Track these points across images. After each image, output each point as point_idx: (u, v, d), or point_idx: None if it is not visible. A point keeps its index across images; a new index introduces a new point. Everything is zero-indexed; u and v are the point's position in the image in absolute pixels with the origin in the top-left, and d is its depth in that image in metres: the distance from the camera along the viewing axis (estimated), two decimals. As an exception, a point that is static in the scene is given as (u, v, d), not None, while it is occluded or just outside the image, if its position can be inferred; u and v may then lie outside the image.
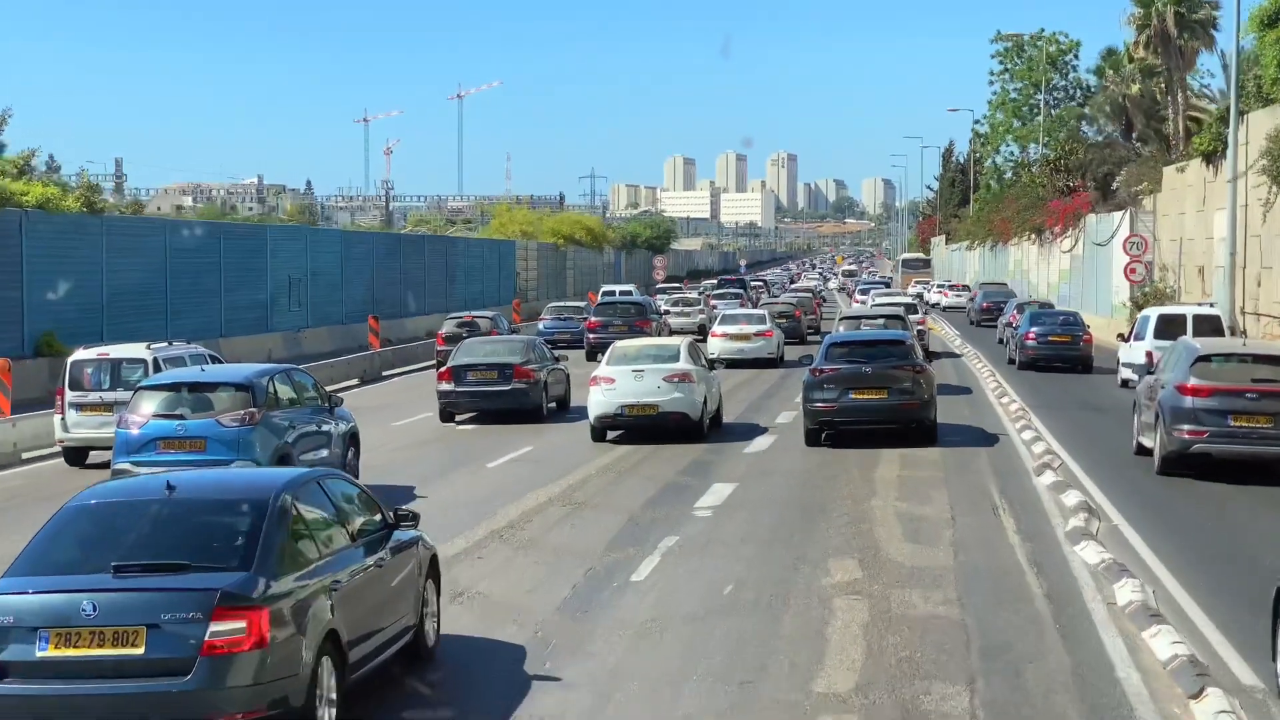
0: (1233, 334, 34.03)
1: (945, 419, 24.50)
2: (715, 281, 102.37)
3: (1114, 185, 53.27)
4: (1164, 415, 19.44)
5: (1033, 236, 71.21)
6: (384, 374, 39.58)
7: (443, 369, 27.52)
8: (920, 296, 74.06)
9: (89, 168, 57.24)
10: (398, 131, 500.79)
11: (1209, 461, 19.25)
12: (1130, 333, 33.29)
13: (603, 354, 28.57)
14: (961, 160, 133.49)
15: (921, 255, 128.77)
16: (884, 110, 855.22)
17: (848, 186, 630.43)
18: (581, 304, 54.90)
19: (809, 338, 49.88)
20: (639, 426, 23.73)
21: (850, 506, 17.53)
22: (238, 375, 18.11)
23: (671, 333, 46.90)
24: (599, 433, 23.80)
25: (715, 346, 38.72)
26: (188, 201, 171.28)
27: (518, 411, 26.88)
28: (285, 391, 18.16)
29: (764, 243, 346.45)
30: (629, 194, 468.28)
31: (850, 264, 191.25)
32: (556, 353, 30.03)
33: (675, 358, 23.93)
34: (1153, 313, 32.74)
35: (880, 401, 22.78)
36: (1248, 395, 18.87)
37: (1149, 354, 28.24)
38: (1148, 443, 20.75)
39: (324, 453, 18.03)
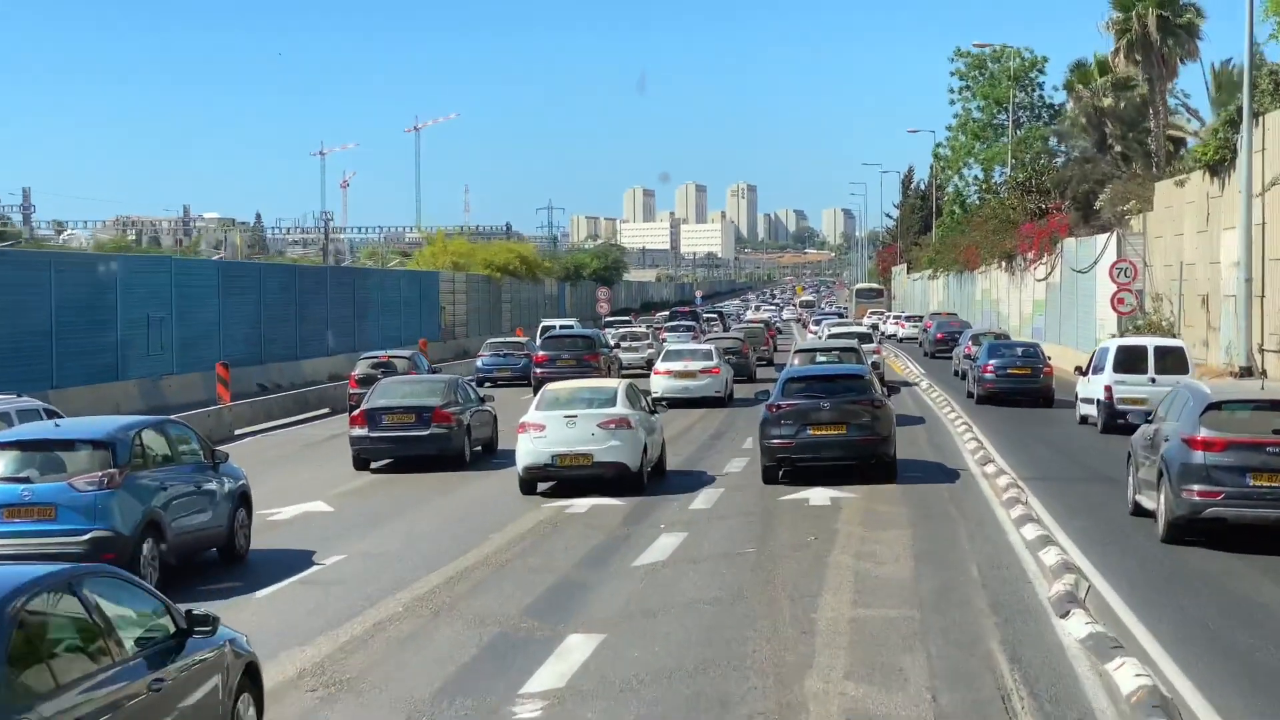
0: (1248, 375, 28.51)
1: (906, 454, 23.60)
2: (667, 314, 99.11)
3: (1096, 205, 47.36)
4: (1169, 473, 16.64)
5: (1002, 264, 65.38)
6: (238, 432, 32.95)
7: (355, 413, 25.87)
8: (875, 327, 74.00)
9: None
10: (355, 164, 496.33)
11: (1223, 528, 16.42)
12: (1088, 366, 30.95)
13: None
14: (922, 186, 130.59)
15: (875, 286, 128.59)
16: (844, 140, 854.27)
17: (808, 217, 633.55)
18: (523, 339, 51.51)
19: (759, 374, 47.31)
20: (572, 479, 21.69)
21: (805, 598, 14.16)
22: (97, 430, 16.04)
23: (622, 368, 45.50)
24: (528, 485, 21.91)
25: (658, 384, 36.45)
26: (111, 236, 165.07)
27: (438, 459, 24.93)
28: (157, 447, 16.28)
29: (723, 273, 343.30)
30: (589, 225, 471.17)
31: (809, 294, 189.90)
32: (490, 392, 28.39)
33: (611, 401, 22.07)
34: (1112, 344, 30.62)
35: (839, 437, 22.27)
36: (1269, 449, 16.06)
37: (1108, 389, 28.17)
38: (1148, 504, 17.82)
39: (204, 516, 16.38)
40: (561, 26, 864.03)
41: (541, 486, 21.95)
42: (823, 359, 33.37)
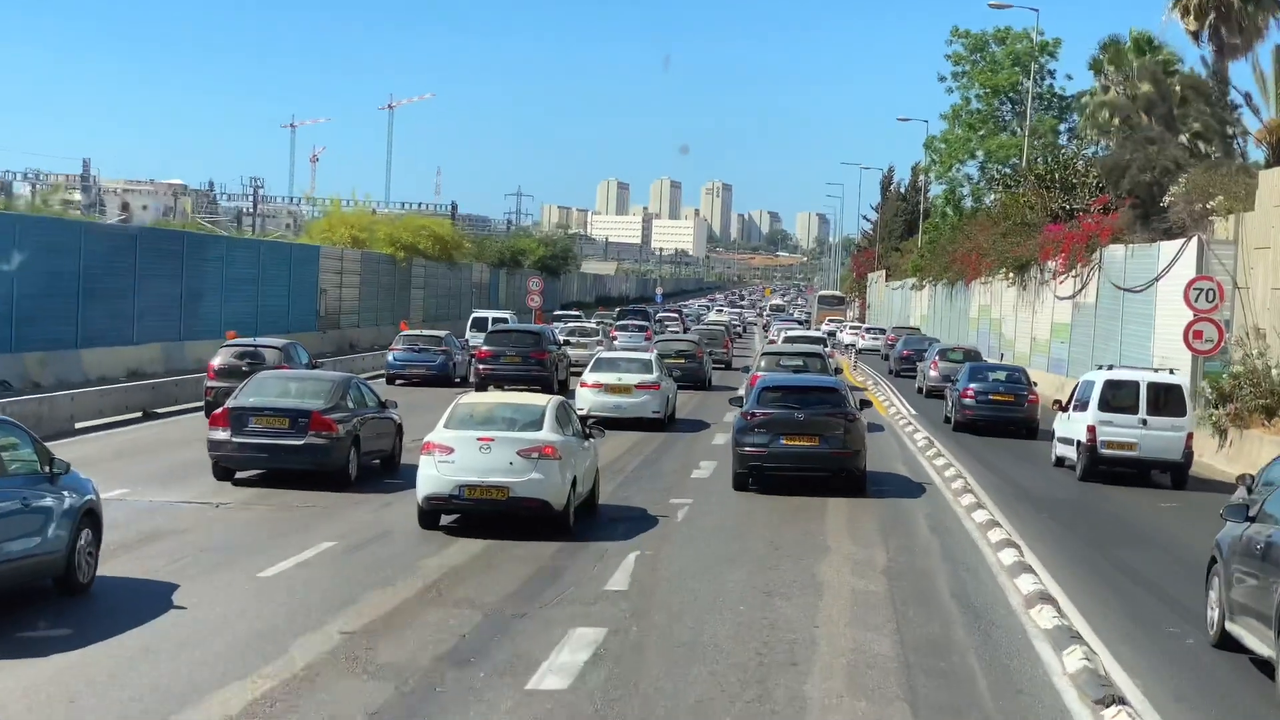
0: None
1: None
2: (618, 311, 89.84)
3: (1164, 201, 34.80)
4: None
5: (1011, 275, 53.02)
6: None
7: (217, 411, 22.18)
8: (832, 334, 75.48)
9: None
10: (326, 139, 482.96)
11: None
12: (1069, 401, 27.68)
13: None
14: (903, 188, 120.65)
15: (838, 294, 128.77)
16: (823, 142, 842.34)
17: (782, 219, 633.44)
18: (442, 333, 45.46)
19: (715, 381, 44.96)
20: (482, 514, 18.12)
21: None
22: None
23: (570, 365, 42.37)
24: (428, 518, 18.26)
25: (585, 399, 31.58)
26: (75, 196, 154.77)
27: (317, 475, 21.15)
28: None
29: (691, 271, 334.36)
30: (560, 215, 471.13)
31: (779, 298, 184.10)
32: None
33: (537, 423, 18.41)
34: (1098, 378, 26.84)
35: (811, 449, 22.41)
36: None
37: (1091, 430, 25.54)
38: (1247, 637, 12.26)
39: (34, 541, 13.24)
40: (540, 16, 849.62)
41: (445, 519, 18.62)
42: (787, 363, 34.29)
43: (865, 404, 26.73)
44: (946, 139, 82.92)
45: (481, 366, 39.03)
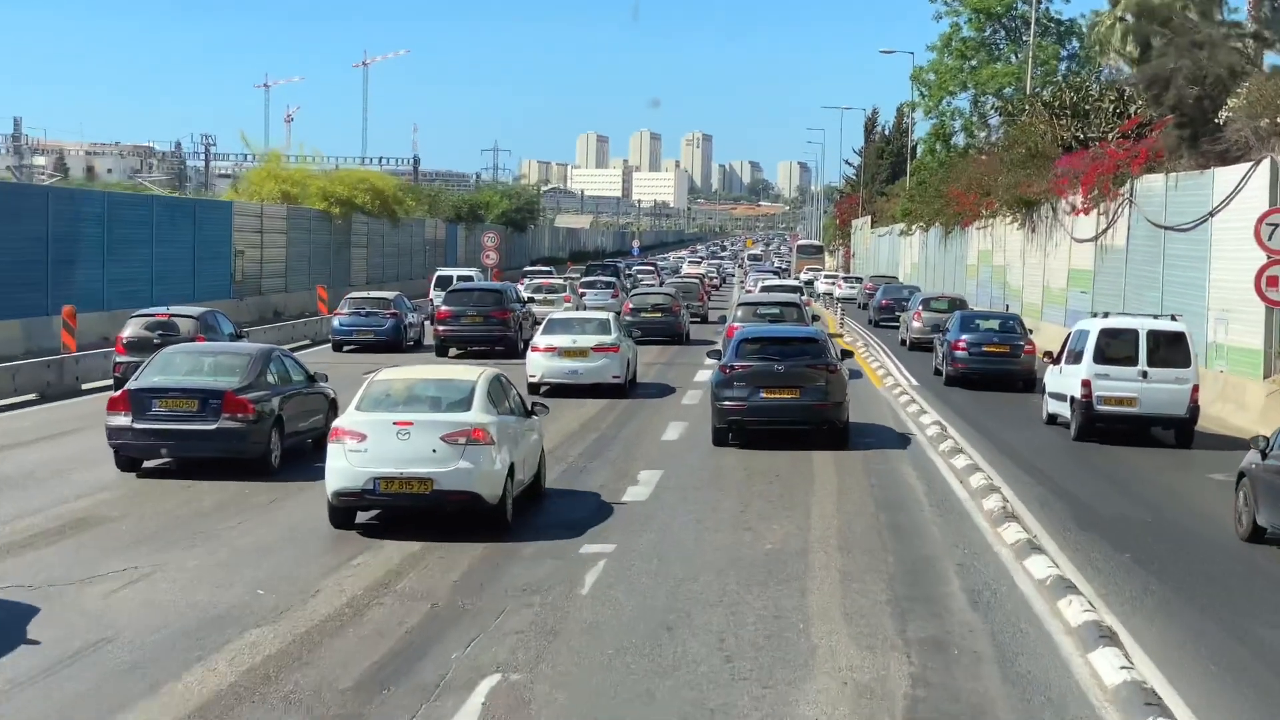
0: None
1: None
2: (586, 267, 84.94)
3: (1219, 117, 28.08)
4: None
5: (1018, 215, 46.49)
6: None
7: (115, 394, 19.99)
8: (810, 283, 76.32)
9: None
10: (300, 99, 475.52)
11: None
12: (1060, 352, 25.20)
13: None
14: (888, 130, 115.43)
15: (816, 243, 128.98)
16: (802, 88, 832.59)
17: (763, 169, 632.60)
18: (391, 294, 41.93)
19: (693, 335, 44.08)
20: (402, 510, 15.70)
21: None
22: None
23: (535, 324, 38.16)
24: (340, 515, 15.82)
25: (536, 365, 29.31)
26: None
27: (234, 463, 18.90)
28: None
29: (672, 223, 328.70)
30: (540, 170, 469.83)
31: (760, 248, 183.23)
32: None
33: (464, 403, 15.95)
34: (1092, 326, 24.25)
35: (792, 401, 22.01)
36: None
37: (1086, 384, 23.37)
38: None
39: None
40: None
41: (362, 516, 15.81)
42: (764, 312, 34.75)
43: (846, 354, 25.69)
44: (935, 69, 76.24)
45: (440, 328, 37.44)
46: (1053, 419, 25.38)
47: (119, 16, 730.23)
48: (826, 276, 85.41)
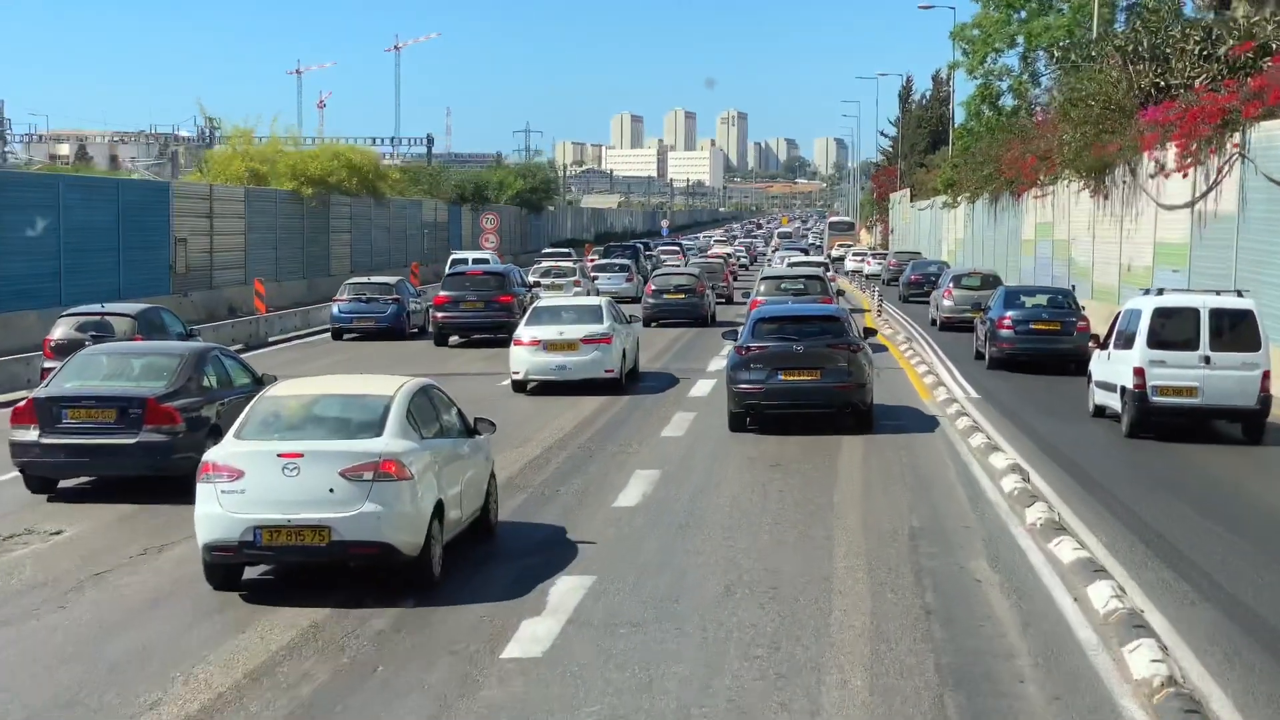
0: None
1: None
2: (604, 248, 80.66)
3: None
4: None
5: (1089, 181, 39.23)
6: None
7: (20, 404, 17.58)
8: (839, 260, 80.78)
9: None
10: (332, 84, 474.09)
11: None
12: (1108, 334, 22.54)
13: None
14: (925, 98, 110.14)
15: (848, 219, 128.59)
16: (837, 60, 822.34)
17: (799, 146, 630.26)
18: (393, 280, 40.65)
19: (719, 318, 42.84)
20: (296, 565, 12.68)
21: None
22: None
23: None
24: (219, 574, 12.67)
25: (519, 361, 26.22)
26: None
27: (164, 480, 16.58)
28: None
29: (706, 202, 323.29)
30: (574, 151, 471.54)
31: (795, 225, 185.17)
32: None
33: (374, 426, 12.76)
34: (1145, 305, 21.19)
35: (812, 383, 20.93)
36: None
37: (1140, 372, 20.43)
38: None
39: None
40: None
41: (253, 572, 12.72)
42: (787, 286, 34.91)
43: (870, 332, 24.73)
44: (980, 24, 68.66)
45: (438, 314, 36.13)
46: (1100, 411, 22.76)
47: (151, 6, 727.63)
48: (855, 254, 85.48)
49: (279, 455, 12.31)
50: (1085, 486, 16.95)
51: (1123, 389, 21.10)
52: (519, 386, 26.09)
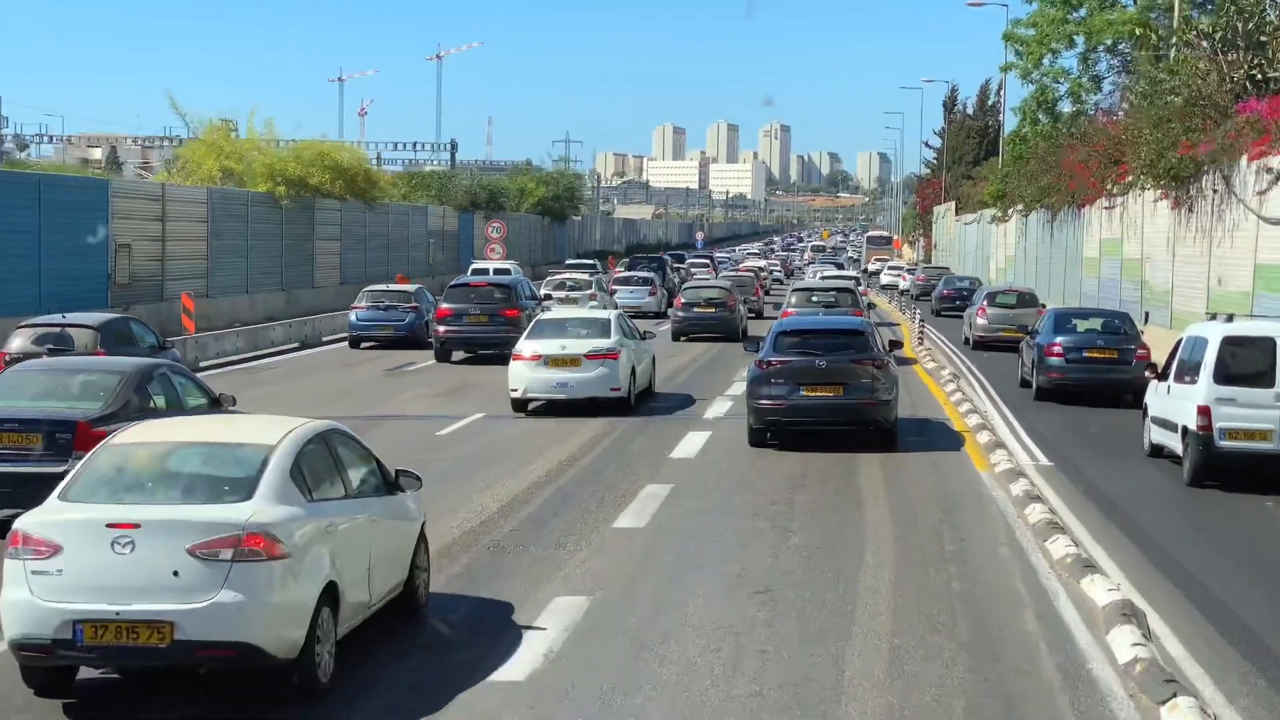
0: None
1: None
2: (629, 261, 77.95)
3: None
4: None
5: (1168, 190, 33.45)
6: None
7: None
8: (874, 274, 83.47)
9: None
10: (373, 92, 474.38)
11: None
12: (1166, 364, 20.27)
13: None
14: (969, 107, 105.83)
15: (885, 234, 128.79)
16: (881, 79, 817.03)
17: (842, 160, 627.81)
18: (412, 287, 40.06)
19: (750, 333, 40.30)
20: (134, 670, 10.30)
21: None
22: None
23: None
24: (39, 678, 10.21)
25: (519, 378, 24.75)
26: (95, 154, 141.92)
27: None
28: None
29: (747, 214, 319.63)
30: (616, 162, 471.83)
31: (836, 239, 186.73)
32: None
33: (245, 486, 10.11)
34: (1212, 332, 18.81)
35: (835, 400, 20.49)
36: None
37: (1204, 411, 17.93)
38: None
39: None
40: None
41: (90, 671, 10.25)
42: (818, 299, 34.82)
43: (896, 344, 24.35)
44: (1035, 22, 62.93)
45: (441, 328, 34.57)
46: (1158, 450, 20.67)
47: (194, 12, 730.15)
48: (891, 268, 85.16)
49: (108, 525, 9.74)
50: (1146, 551, 14.66)
51: (1184, 429, 18.67)
52: (518, 406, 24.53)
